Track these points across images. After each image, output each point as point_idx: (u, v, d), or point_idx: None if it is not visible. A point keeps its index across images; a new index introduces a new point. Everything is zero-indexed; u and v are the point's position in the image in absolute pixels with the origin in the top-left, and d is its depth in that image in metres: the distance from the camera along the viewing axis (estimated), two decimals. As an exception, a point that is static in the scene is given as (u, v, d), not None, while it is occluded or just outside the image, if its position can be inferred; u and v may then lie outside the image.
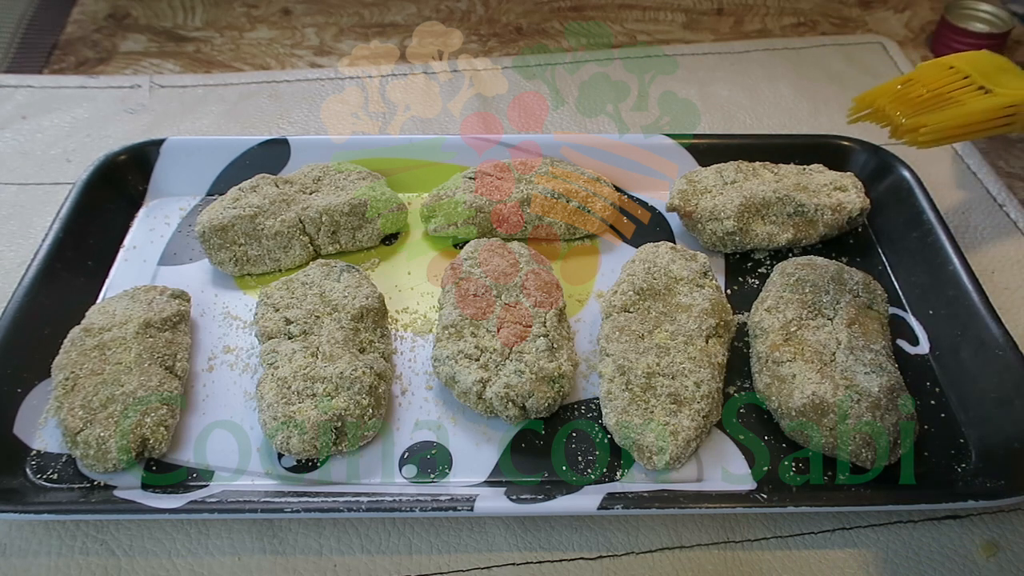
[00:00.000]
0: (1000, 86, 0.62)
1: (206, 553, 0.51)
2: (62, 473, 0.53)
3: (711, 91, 0.92)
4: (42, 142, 0.84)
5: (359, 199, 0.68)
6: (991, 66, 0.64)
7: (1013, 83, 0.62)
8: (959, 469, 0.54)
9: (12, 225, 0.74)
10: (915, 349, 0.62)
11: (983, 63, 0.64)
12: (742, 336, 0.62)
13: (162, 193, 0.75)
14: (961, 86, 0.63)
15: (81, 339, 0.58)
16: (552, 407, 0.55)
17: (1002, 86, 0.62)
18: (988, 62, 0.64)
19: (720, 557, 0.51)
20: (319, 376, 0.55)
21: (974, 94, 0.62)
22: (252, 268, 0.67)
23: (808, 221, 0.68)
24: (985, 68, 0.63)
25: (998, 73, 0.63)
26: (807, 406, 0.53)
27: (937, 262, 0.65)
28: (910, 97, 0.63)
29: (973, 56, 0.64)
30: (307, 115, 0.88)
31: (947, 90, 0.63)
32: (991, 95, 0.62)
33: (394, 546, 0.52)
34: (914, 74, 0.65)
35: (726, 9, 1.09)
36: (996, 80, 0.62)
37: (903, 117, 0.63)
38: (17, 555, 0.51)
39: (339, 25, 1.06)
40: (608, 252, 0.70)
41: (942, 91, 0.63)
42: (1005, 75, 0.63)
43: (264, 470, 0.54)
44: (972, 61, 0.64)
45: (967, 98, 0.62)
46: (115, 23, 1.05)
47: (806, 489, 0.53)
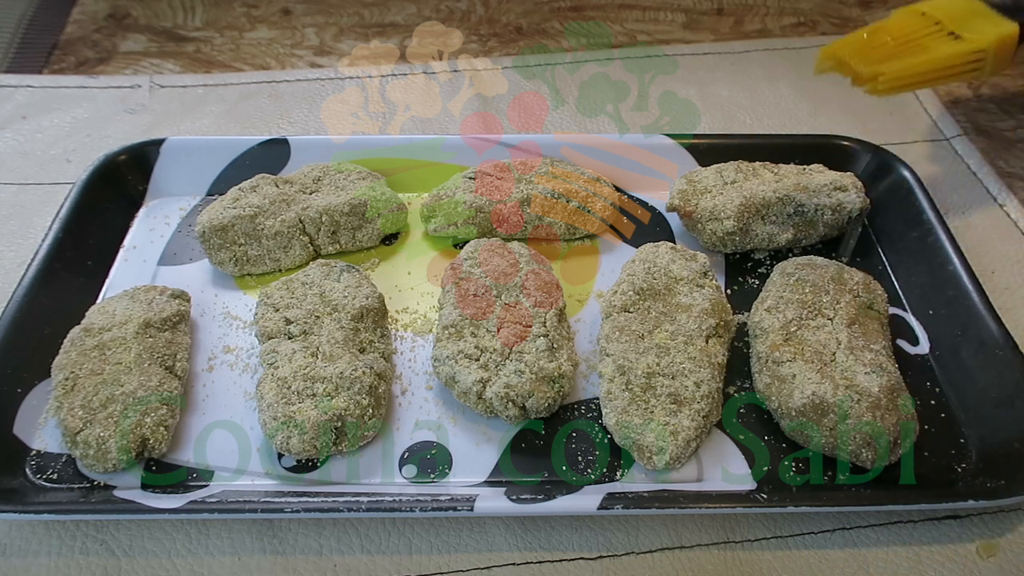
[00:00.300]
0: (971, 31, 0.60)
1: (206, 553, 0.51)
2: (62, 473, 0.53)
3: (711, 91, 0.92)
4: (42, 142, 0.84)
5: (359, 199, 0.68)
6: (965, 11, 0.62)
7: (984, 27, 0.61)
8: (959, 469, 0.54)
9: (12, 225, 0.74)
10: (915, 349, 0.62)
11: (957, 8, 0.62)
12: (742, 336, 0.62)
13: (162, 193, 0.75)
14: (929, 32, 0.61)
15: (81, 339, 0.58)
16: (552, 407, 0.55)
17: (973, 31, 0.60)
18: (963, 7, 0.62)
19: (720, 557, 0.51)
20: (319, 376, 0.55)
21: (942, 40, 0.61)
22: (252, 268, 0.67)
23: (808, 221, 0.68)
24: (958, 13, 0.62)
25: (971, 18, 0.61)
26: (807, 406, 0.53)
27: (937, 262, 0.65)
28: (874, 46, 0.62)
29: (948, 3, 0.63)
30: (307, 115, 0.88)
31: (914, 37, 0.61)
32: (958, 41, 0.60)
33: (394, 546, 0.52)
34: (883, 22, 0.64)
35: (726, 9, 1.09)
36: (968, 25, 0.61)
37: (863, 66, 0.61)
38: (17, 555, 0.51)
39: (339, 25, 1.05)
40: (608, 252, 0.70)
41: (909, 39, 0.61)
42: (978, 19, 0.61)
43: (264, 470, 0.54)
44: (946, 6, 0.62)
45: (933, 44, 0.61)
46: (115, 23, 1.05)
47: (806, 489, 0.53)
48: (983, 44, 0.59)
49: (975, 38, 0.60)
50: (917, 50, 0.61)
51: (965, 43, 0.60)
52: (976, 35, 0.60)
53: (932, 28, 0.61)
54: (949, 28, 0.61)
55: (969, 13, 0.62)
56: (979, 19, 0.61)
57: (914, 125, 0.86)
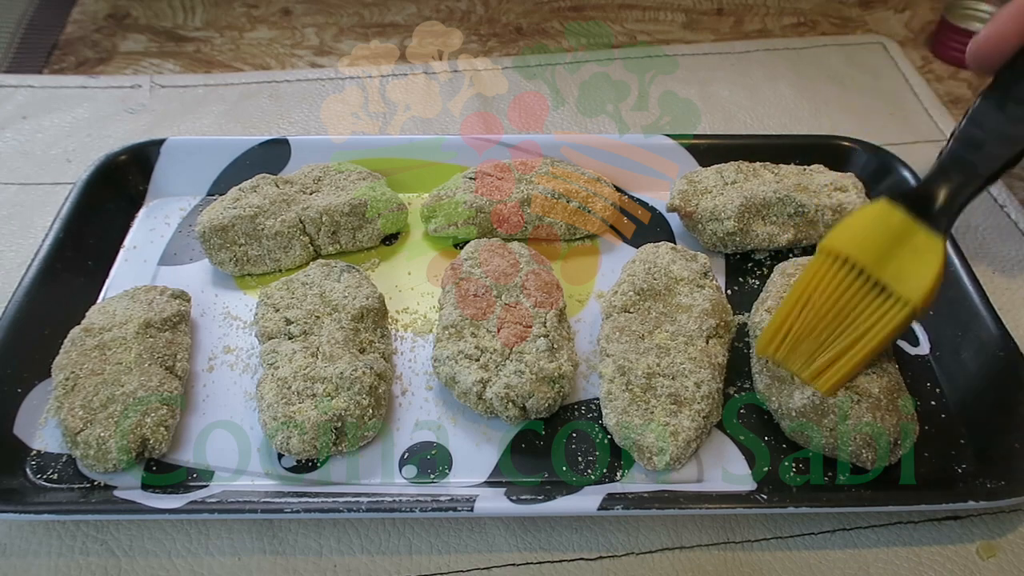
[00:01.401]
0: (898, 279, 0.51)
1: (206, 553, 0.51)
2: (62, 473, 0.53)
3: (711, 91, 0.92)
4: (42, 142, 0.84)
5: (359, 199, 0.68)
6: (886, 241, 0.52)
7: (910, 269, 0.51)
8: (959, 470, 0.54)
9: (12, 225, 0.74)
10: (915, 349, 0.62)
11: (878, 241, 0.52)
12: (742, 336, 0.62)
13: (162, 193, 0.75)
14: (854, 298, 0.52)
15: (81, 339, 0.57)
16: (552, 407, 0.55)
17: (900, 275, 0.51)
18: (881, 237, 0.52)
19: (720, 558, 0.51)
20: (319, 376, 0.55)
21: (870, 307, 0.52)
22: (252, 268, 0.67)
23: (809, 222, 0.68)
24: (880, 248, 0.52)
25: (895, 251, 0.52)
26: (807, 407, 0.53)
27: (937, 262, 0.65)
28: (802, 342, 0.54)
29: (867, 231, 0.52)
30: (307, 115, 0.88)
31: (840, 314, 0.53)
32: (887, 303, 0.51)
33: (394, 546, 0.52)
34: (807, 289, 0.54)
35: (726, 9, 1.09)
36: (894, 264, 0.51)
37: (800, 373, 0.54)
38: (17, 555, 0.51)
39: (339, 25, 1.05)
40: (608, 252, 0.70)
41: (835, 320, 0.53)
42: (904, 249, 0.52)
43: (264, 470, 0.54)
44: (868, 242, 0.52)
45: (863, 318, 0.52)
46: (115, 23, 1.05)
47: (806, 490, 0.53)
48: (916, 302, 0.51)
49: (905, 294, 0.51)
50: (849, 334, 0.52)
51: (895, 309, 0.51)
52: (904, 284, 0.51)
53: (859, 291, 0.52)
54: (876, 276, 0.51)
55: (891, 240, 0.52)
56: (904, 249, 0.52)
57: (914, 125, 0.86)
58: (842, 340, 0.53)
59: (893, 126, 0.86)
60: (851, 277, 0.52)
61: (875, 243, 0.52)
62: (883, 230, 0.52)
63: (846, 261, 0.52)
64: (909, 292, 0.51)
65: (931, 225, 0.52)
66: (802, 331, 0.54)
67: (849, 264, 0.52)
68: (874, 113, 0.88)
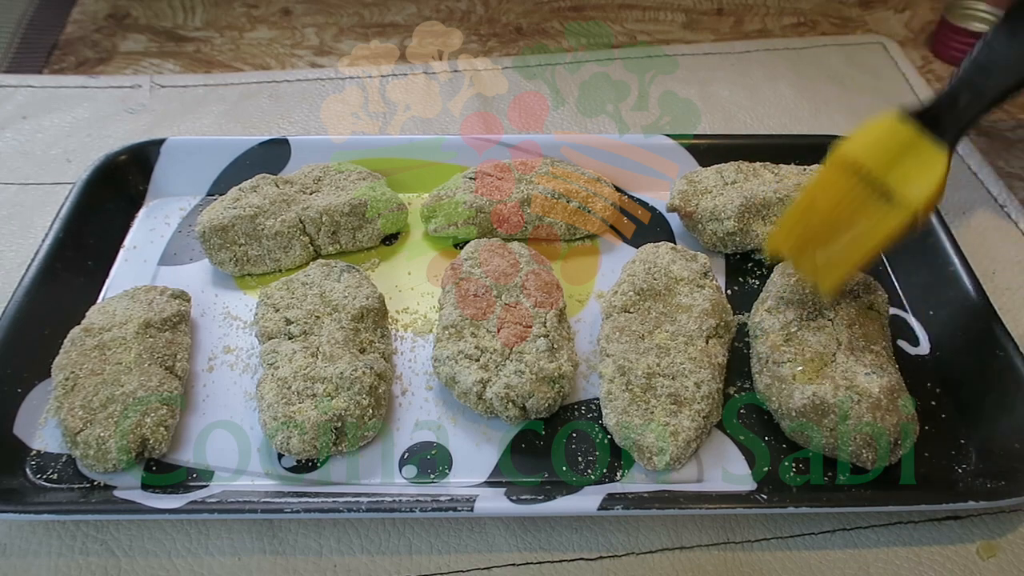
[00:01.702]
0: (902, 180, 0.54)
1: (206, 553, 0.51)
2: (62, 473, 0.53)
3: (711, 91, 0.92)
4: (42, 142, 0.84)
5: (359, 199, 0.68)
6: (895, 145, 0.55)
7: (915, 171, 0.54)
8: (959, 470, 0.54)
9: (12, 225, 0.74)
10: (915, 349, 0.62)
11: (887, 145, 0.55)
12: (742, 336, 0.62)
13: (162, 193, 0.75)
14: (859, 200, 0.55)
15: (81, 339, 0.57)
16: (552, 407, 0.55)
17: (905, 179, 0.54)
18: (892, 141, 0.55)
19: (720, 558, 0.51)
20: (319, 376, 0.55)
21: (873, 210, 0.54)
22: (252, 268, 0.67)
23: (808, 221, 0.68)
24: (888, 153, 0.55)
25: (901, 157, 0.55)
26: (807, 407, 0.53)
27: (937, 262, 0.65)
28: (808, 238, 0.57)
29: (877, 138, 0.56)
30: (307, 115, 0.88)
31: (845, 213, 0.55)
32: (889, 207, 0.54)
33: (394, 546, 0.52)
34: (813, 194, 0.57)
35: (726, 9, 1.09)
36: (899, 169, 0.54)
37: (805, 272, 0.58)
38: (17, 555, 0.51)
39: (339, 25, 1.05)
40: (608, 252, 0.70)
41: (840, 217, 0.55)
42: (908, 157, 0.55)
43: (264, 470, 0.54)
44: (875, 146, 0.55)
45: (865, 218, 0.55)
46: (115, 23, 1.05)
47: (806, 490, 0.53)
48: (916, 205, 0.53)
49: (907, 196, 0.54)
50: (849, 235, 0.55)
51: (896, 211, 0.54)
52: (908, 187, 0.54)
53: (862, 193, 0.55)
54: (880, 180, 0.54)
55: (899, 148, 0.55)
56: (910, 157, 0.55)
57: (914, 125, 0.86)
58: (844, 241, 0.55)
59: (893, 126, 0.86)
60: (857, 182, 0.55)
61: (883, 150, 0.55)
62: (892, 139, 0.55)
63: (854, 166, 0.55)
64: (912, 196, 0.54)
65: (938, 138, 0.55)
66: (808, 232, 0.57)
67: (857, 170, 0.55)
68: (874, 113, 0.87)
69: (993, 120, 0.88)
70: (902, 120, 0.56)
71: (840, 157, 0.56)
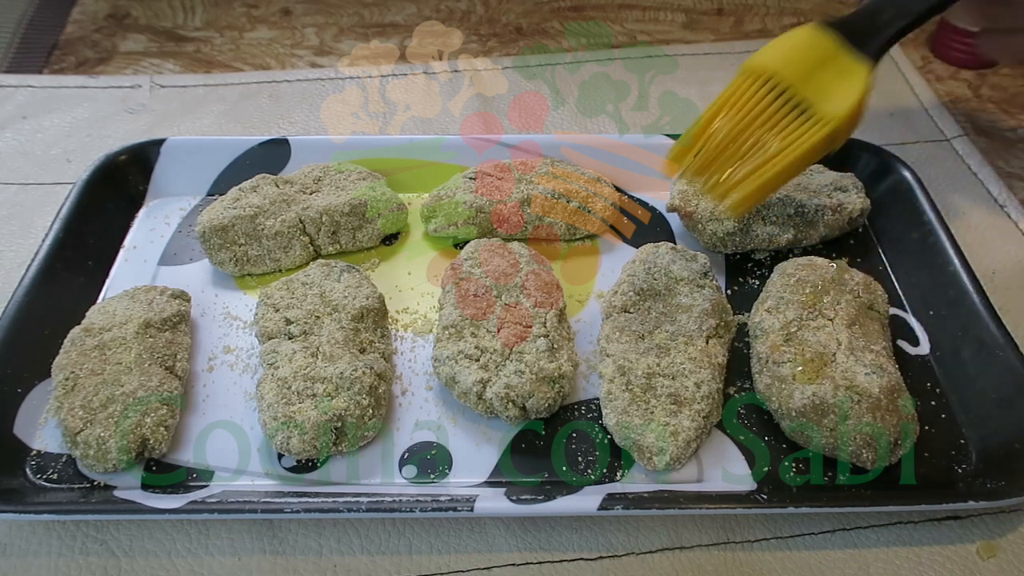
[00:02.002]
0: (822, 94, 0.51)
1: (206, 553, 0.51)
2: (62, 473, 0.53)
3: (712, 91, 0.91)
4: (42, 142, 0.84)
5: (359, 199, 0.68)
6: (817, 58, 0.52)
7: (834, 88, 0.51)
8: (959, 470, 0.54)
9: (12, 225, 0.74)
10: (915, 349, 0.62)
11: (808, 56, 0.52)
12: (742, 336, 0.62)
13: (162, 193, 0.75)
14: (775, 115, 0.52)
15: (81, 339, 0.57)
16: (552, 407, 0.55)
17: (823, 95, 0.51)
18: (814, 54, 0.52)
19: (720, 558, 0.51)
20: (319, 376, 0.55)
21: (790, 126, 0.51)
22: (252, 268, 0.67)
23: (808, 222, 0.68)
24: (809, 64, 0.52)
25: (822, 69, 0.51)
26: (807, 407, 0.53)
27: (937, 262, 0.65)
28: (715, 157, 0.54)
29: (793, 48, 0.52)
30: (307, 115, 0.88)
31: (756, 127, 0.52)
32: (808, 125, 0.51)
33: (394, 546, 0.52)
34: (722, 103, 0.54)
35: (726, 9, 1.09)
36: (820, 83, 0.51)
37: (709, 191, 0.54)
38: (17, 555, 0.51)
39: (339, 25, 1.05)
40: (608, 252, 0.70)
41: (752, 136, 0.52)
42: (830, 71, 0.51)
43: (264, 470, 0.54)
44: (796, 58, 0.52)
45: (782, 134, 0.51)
46: (115, 23, 1.05)
47: (806, 490, 0.53)
48: (836, 120, 0.50)
49: (826, 110, 0.50)
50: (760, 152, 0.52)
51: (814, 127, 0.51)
52: (826, 101, 0.50)
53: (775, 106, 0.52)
54: (795, 93, 0.51)
55: (817, 60, 0.52)
56: (829, 69, 0.51)
57: (914, 125, 0.86)
58: (756, 157, 0.51)
59: (893, 126, 0.86)
60: (772, 95, 0.52)
61: (800, 62, 0.52)
62: (810, 51, 0.52)
63: (769, 79, 0.51)
64: (831, 110, 0.50)
65: (861, 52, 0.51)
66: (717, 145, 0.52)
67: (772, 82, 0.51)
68: (874, 113, 0.87)
69: (993, 120, 0.88)
70: (822, 31, 0.52)
71: (752, 66, 0.52)
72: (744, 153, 0.52)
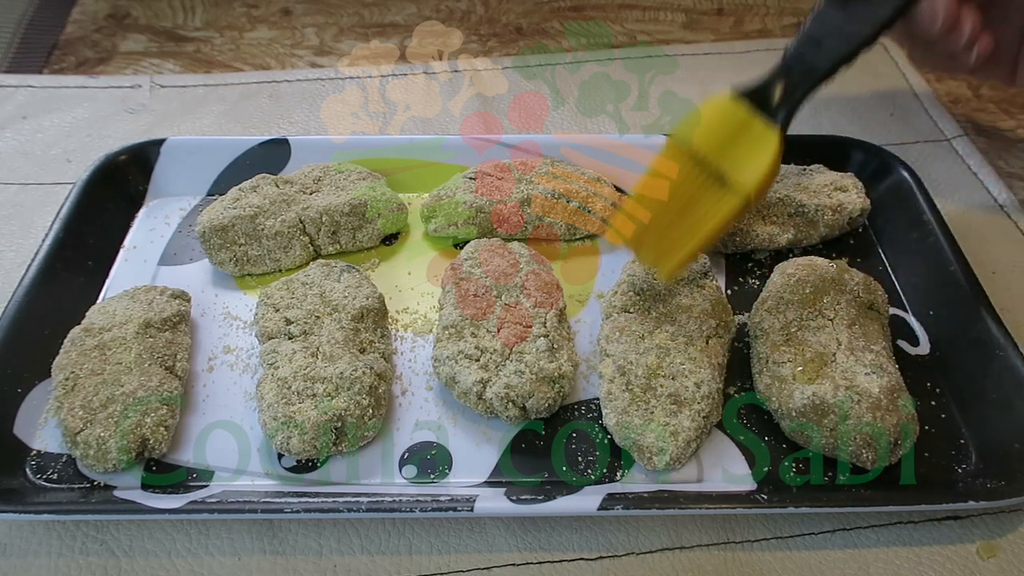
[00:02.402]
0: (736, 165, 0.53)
1: (206, 553, 0.51)
2: (62, 473, 0.53)
3: (712, 91, 0.90)
4: (42, 142, 0.84)
5: (359, 199, 0.68)
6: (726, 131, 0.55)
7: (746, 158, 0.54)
8: (959, 470, 0.54)
9: (12, 225, 0.74)
10: (915, 349, 0.62)
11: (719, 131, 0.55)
12: (742, 336, 0.62)
13: (162, 193, 0.75)
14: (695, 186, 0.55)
15: (81, 339, 0.57)
16: (552, 407, 0.55)
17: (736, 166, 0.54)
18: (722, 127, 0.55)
19: (720, 558, 0.51)
20: (319, 376, 0.55)
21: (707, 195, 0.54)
22: (252, 268, 0.67)
23: (809, 221, 0.68)
24: (720, 138, 0.54)
25: (734, 141, 0.54)
26: (807, 407, 0.53)
27: (937, 262, 0.65)
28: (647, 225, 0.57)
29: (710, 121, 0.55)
30: (307, 115, 0.88)
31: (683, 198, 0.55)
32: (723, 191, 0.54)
33: (394, 546, 0.52)
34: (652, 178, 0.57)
35: (726, 9, 1.09)
36: (731, 156, 0.54)
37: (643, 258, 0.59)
38: (17, 555, 0.51)
39: (339, 25, 1.05)
40: (608, 252, 0.70)
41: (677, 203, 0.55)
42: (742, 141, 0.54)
43: (264, 470, 0.54)
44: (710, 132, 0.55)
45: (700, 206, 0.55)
46: (115, 23, 1.05)
47: (806, 490, 0.53)
48: (747, 190, 0.53)
49: (739, 181, 0.53)
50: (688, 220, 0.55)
51: (729, 196, 0.54)
52: (739, 172, 0.53)
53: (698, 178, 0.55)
54: (714, 164, 0.54)
55: (732, 131, 0.54)
56: (742, 139, 0.54)
57: (914, 125, 0.86)
58: (681, 226, 0.55)
59: (893, 126, 0.86)
60: (695, 168, 0.55)
61: (716, 133, 0.55)
62: (724, 122, 0.55)
63: (690, 151, 0.55)
64: (743, 181, 0.54)
65: (770, 118, 0.55)
66: (648, 219, 0.57)
67: (692, 154, 0.55)
68: (874, 113, 0.88)
69: (993, 120, 0.88)
70: (735, 100, 0.55)
71: (676, 140, 0.56)
72: (669, 225, 0.56)
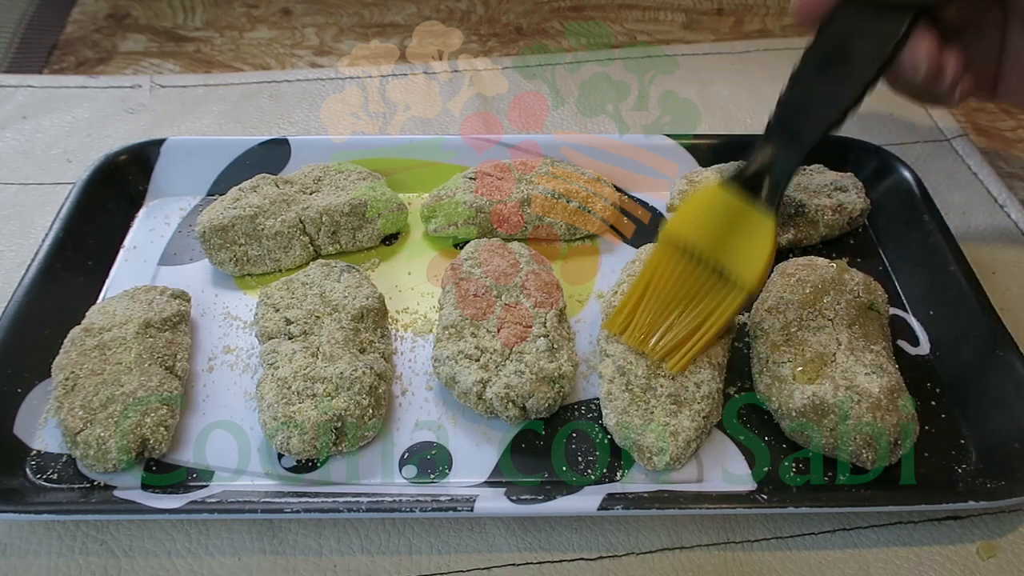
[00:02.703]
0: (734, 258, 0.53)
1: (206, 553, 0.51)
2: (62, 473, 0.53)
3: (712, 91, 0.92)
4: (42, 142, 0.84)
5: (359, 199, 0.68)
6: (720, 223, 0.53)
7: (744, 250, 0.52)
8: (959, 470, 0.54)
9: (12, 225, 0.74)
10: (915, 349, 0.62)
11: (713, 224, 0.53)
12: (742, 336, 0.62)
13: (162, 193, 0.75)
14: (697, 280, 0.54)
15: (81, 339, 0.57)
16: (552, 408, 0.55)
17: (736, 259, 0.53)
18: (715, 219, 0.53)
19: (720, 558, 0.51)
20: (319, 376, 0.55)
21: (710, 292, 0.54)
22: (252, 268, 0.67)
23: (809, 222, 0.68)
24: (715, 231, 0.53)
25: (730, 232, 0.53)
26: (807, 407, 0.53)
27: (937, 262, 0.65)
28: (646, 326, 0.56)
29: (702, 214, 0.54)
30: (307, 115, 0.88)
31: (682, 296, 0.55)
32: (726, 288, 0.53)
33: (394, 547, 0.52)
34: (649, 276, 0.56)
35: (726, 9, 1.09)
36: (729, 249, 0.53)
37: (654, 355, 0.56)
38: (17, 555, 0.51)
39: (339, 25, 1.05)
40: (608, 252, 0.70)
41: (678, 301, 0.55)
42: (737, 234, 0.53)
43: (264, 470, 0.54)
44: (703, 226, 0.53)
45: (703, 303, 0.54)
46: (115, 23, 1.05)
47: (806, 490, 0.53)
48: (750, 285, 0.52)
49: (740, 276, 0.52)
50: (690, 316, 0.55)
51: (733, 292, 0.53)
52: (739, 266, 0.52)
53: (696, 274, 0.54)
54: (715, 258, 0.53)
55: (726, 222, 0.53)
56: (738, 229, 0.52)
57: (914, 125, 0.86)
58: (688, 324, 0.55)
59: (893, 126, 0.86)
60: (692, 263, 0.54)
61: (710, 227, 0.53)
62: (717, 215, 0.53)
63: (685, 247, 0.54)
64: (745, 276, 0.53)
65: (762, 203, 0.53)
66: (648, 317, 0.56)
67: (688, 250, 0.54)
68: (874, 113, 0.88)
69: (993, 120, 0.88)
70: (724, 190, 0.53)
71: (670, 238, 0.54)
72: (672, 325, 0.56)
